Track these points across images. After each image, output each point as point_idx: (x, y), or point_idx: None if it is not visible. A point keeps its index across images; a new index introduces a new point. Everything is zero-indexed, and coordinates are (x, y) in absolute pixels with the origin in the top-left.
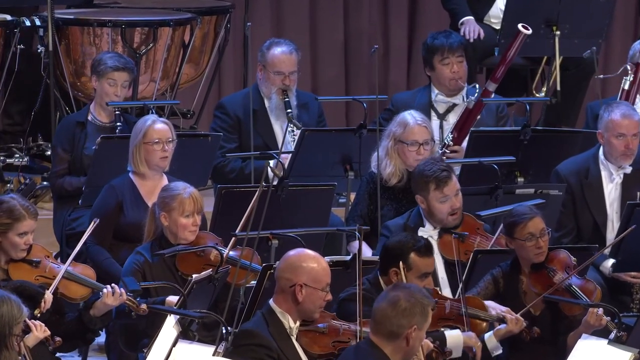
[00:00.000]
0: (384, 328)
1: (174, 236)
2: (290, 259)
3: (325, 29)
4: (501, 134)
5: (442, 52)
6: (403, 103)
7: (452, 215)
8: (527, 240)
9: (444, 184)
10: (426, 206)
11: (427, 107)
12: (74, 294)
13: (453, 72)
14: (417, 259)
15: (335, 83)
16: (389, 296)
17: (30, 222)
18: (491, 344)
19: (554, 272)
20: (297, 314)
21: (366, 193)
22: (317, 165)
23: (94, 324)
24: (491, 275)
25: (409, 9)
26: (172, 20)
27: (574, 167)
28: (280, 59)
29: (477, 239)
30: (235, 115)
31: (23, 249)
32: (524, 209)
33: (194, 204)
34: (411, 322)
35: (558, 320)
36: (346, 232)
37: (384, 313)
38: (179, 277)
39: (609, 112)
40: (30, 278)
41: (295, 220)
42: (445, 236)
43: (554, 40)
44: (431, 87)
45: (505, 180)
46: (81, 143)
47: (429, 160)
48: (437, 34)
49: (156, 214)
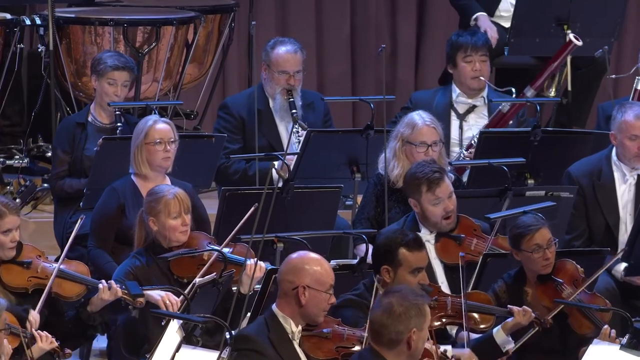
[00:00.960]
0: (383, 337)
1: (165, 240)
2: (293, 261)
3: (331, 27)
4: (511, 134)
5: (466, 49)
6: (423, 102)
7: (446, 220)
8: (534, 252)
9: (436, 185)
10: (420, 210)
11: (448, 107)
12: (68, 292)
13: (475, 70)
14: (407, 254)
15: (342, 81)
16: (382, 304)
17: (12, 218)
18: (500, 339)
19: (562, 286)
20: (300, 318)
21: (373, 195)
22: (323, 166)
23: (92, 319)
24: (492, 291)
25: (417, 4)
26: (175, 19)
27: (586, 168)
28: (284, 58)
29: (474, 240)
30: (239, 115)
31: (10, 247)
32: (530, 220)
33: (180, 204)
34: (409, 326)
35: (568, 333)
36: (353, 235)
37: (380, 322)
38: (174, 281)
39: (622, 113)
40: (23, 280)
41: (301, 223)
42: (443, 240)
43: (564, 39)
44: (452, 86)
45: (515, 182)
46: (81, 144)
47: (421, 162)
48: (463, 32)
49: (145, 220)
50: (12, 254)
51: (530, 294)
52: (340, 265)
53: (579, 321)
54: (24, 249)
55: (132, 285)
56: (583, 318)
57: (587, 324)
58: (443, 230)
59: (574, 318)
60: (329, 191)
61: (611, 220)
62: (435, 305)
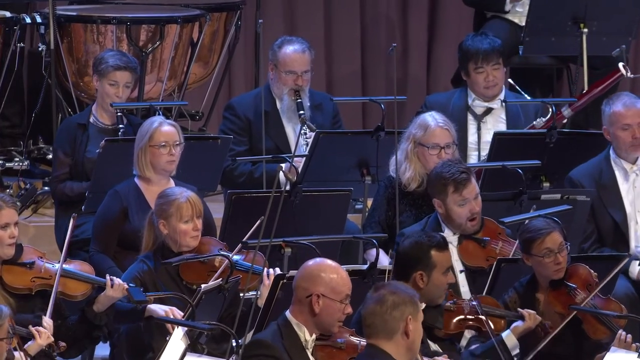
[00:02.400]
0: (379, 328)
1: (175, 244)
2: (309, 268)
3: (340, 24)
4: (526, 136)
5: (477, 60)
6: (438, 105)
7: (471, 221)
8: (545, 256)
9: (463, 186)
10: (444, 210)
11: (464, 110)
12: (73, 290)
13: (487, 80)
14: (439, 255)
15: (352, 81)
16: (372, 297)
17: (9, 212)
18: (511, 343)
19: (575, 291)
20: (313, 326)
21: (384, 198)
22: (332, 169)
23: (99, 319)
24: (502, 302)
25: (428, 0)
26: (180, 17)
27: (586, 170)
28: (292, 57)
29: (499, 244)
30: (245, 116)
31: (9, 243)
32: (541, 223)
33: (192, 208)
34: (404, 312)
35: (582, 338)
36: (363, 240)
37: (373, 313)
38: (183, 287)
39: (610, 106)
40: (27, 281)
41: (309, 228)
42: (466, 242)
43: (581, 37)
44: (468, 90)
45: (530, 185)
46: (83, 146)
47: (446, 161)
48: (474, 37)
49: (154, 223)
50: (11, 252)
51: (542, 302)
52: (350, 271)
53: (593, 326)
54: (25, 251)
55: (136, 292)
56: (598, 323)
57: (602, 329)
58: (467, 232)
59: (589, 323)
60: (338, 194)
61: (619, 218)
62: (454, 308)
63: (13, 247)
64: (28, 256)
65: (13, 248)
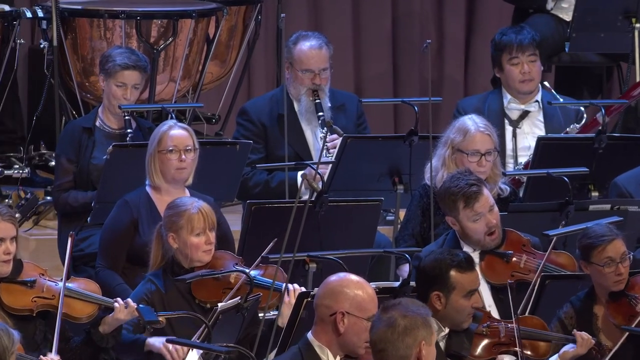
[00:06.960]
0: (391, 355)
1: (186, 259)
2: (331, 284)
3: (370, 20)
4: (573, 141)
5: (511, 50)
6: (472, 110)
7: (490, 236)
8: (606, 266)
9: (474, 200)
10: (459, 227)
11: (500, 114)
12: (79, 312)
13: (523, 72)
14: (459, 276)
15: (382, 81)
16: (382, 320)
17: (5, 226)
18: None
19: (637, 300)
20: (338, 348)
21: (419, 209)
22: (361, 177)
23: (105, 341)
24: (557, 319)
25: None
26: (195, 11)
27: (633, 175)
28: (308, 54)
29: (523, 257)
30: (260, 121)
31: (4, 260)
32: (602, 230)
33: (204, 219)
34: (417, 338)
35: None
36: (395, 255)
37: (384, 339)
38: (196, 306)
39: None
40: (27, 301)
41: (336, 241)
42: (488, 258)
43: (633, 33)
44: (502, 91)
45: (578, 194)
46: (88, 152)
47: (454, 173)
48: (507, 30)
49: (163, 236)
50: (7, 269)
51: (601, 317)
52: (380, 288)
53: None
54: (25, 267)
55: (146, 311)
56: None
57: None
58: (488, 248)
59: None
60: (367, 205)
61: None
62: (487, 332)
63: (9, 264)
64: (28, 273)
65: (9, 265)
